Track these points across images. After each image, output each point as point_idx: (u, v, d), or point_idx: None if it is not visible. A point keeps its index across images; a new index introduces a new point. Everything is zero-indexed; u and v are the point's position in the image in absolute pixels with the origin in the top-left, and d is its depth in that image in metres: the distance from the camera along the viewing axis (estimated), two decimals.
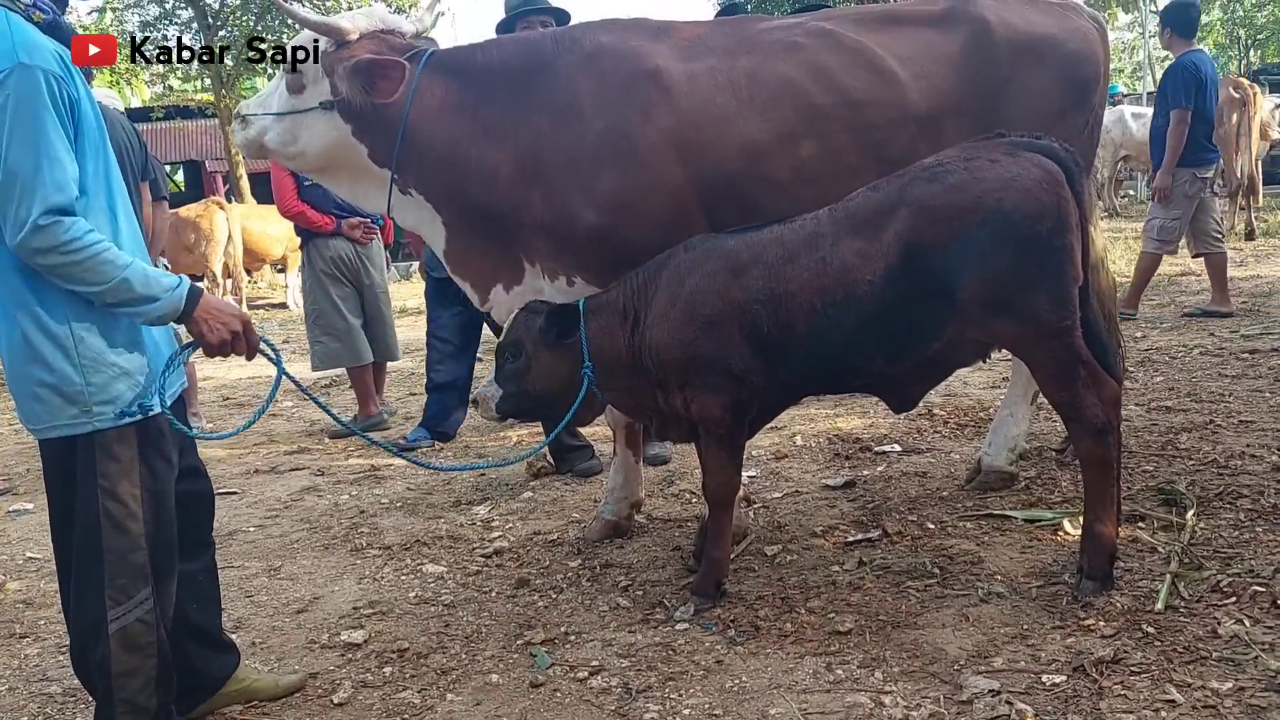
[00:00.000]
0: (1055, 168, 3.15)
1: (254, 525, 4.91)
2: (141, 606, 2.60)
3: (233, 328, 2.63)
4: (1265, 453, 4.45)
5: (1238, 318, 8.03)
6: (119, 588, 2.57)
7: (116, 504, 2.55)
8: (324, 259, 6.78)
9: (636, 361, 3.43)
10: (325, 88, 3.69)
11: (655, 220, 3.55)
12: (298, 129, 3.76)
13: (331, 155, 3.82)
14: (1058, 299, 3.13)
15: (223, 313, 2.63)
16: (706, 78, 3.61)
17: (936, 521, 4.07)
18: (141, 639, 2.60)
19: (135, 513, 2.58)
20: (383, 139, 3.70)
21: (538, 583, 3.86)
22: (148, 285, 2.46)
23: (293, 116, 3.75)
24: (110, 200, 2.55)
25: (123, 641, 2.58)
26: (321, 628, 3.63)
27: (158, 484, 2.65)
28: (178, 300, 2.51)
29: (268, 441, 6.83)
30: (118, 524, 2.55)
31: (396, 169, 3.74)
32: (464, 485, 5.32)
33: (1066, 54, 3.93)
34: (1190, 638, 2.93)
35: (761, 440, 5.36)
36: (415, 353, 10.17)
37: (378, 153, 3.74)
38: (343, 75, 3.58)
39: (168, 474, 2.69)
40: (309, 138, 3.76)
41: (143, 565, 2.60)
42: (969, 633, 3.12)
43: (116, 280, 2.40)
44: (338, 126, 3.71)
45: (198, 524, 2.96)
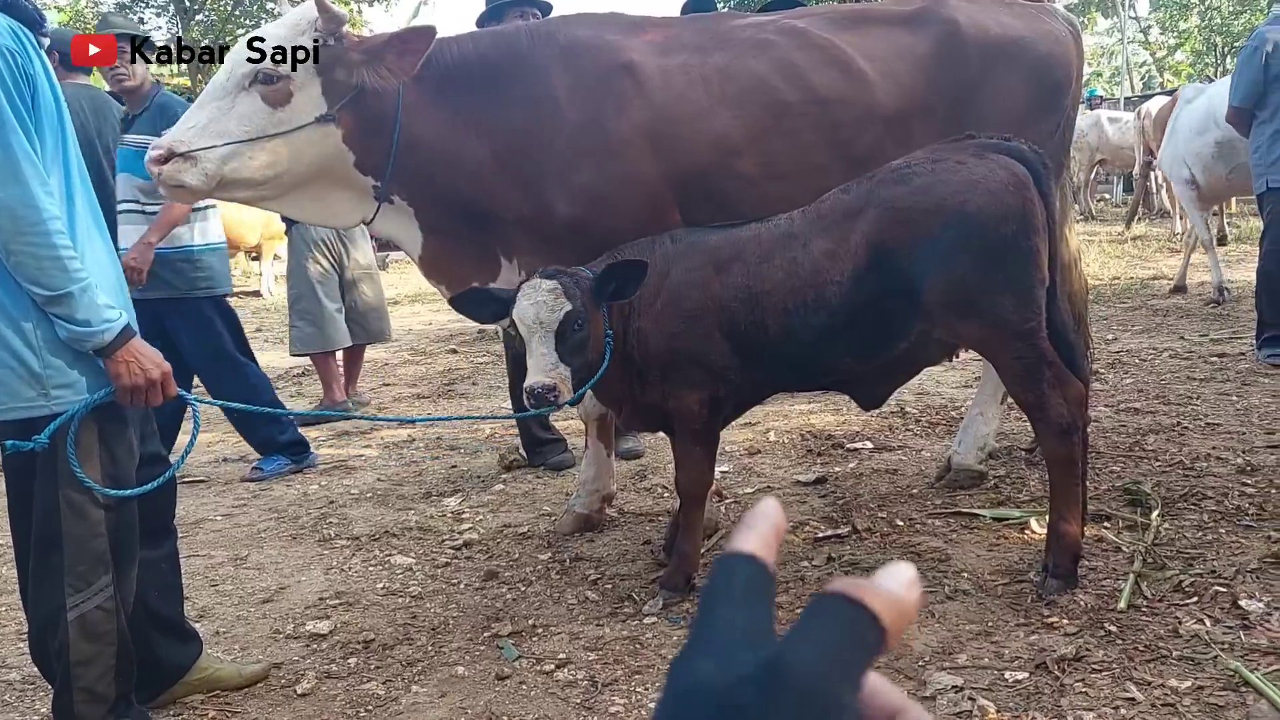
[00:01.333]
0: (1022, 170, 3.17)
1: (221, 514, 4.87)
2: (101, 594, 2.58)
3: (150, 376, 2.54)
4: (1230, 455, 4.50)
5: (1207, 321, 8.10)
6: (78, 575, 2.55)
7: (77, 490, 2.52)
8: (307, 243, 6.78)
9: (625, 343, 3.37)
10: (316, 91, 3.31)
11: (630, 214, 3.54)
12: (284, 147, 3.27)
13: (315, 171, 3.41)
14: (1023, 300, 3.16)
15: (145, 359, 2.54)
16: (680, 73, 3.61)
17: (906, 519, 4.09)
18: (101, 627, 2.58)
19: (95, 499, 2.56)
20: (371, 142, 3.43)
21: (507, 575, 3.86)
22: (87, 312, 2.42)
23: (284, 137, 3.26)
24: (67, 181, 2.52)
25: (82, 629, 2.56)
26: (287, 618, 3.61)
27: (119, 470, 2.62)
28: (107, 335, 2.46)
29: None
30: (78, 510, 2.53)
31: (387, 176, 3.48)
32: (435, 477, 5.30)
33: (1038, 56, 3.95)
34: (1151, 636, 2.95)
35: (735, 435, 5.37)
36: (390, 343, 10.14)
37: (366, 158, 3.45)
38: (358, 61, 3.28)
39: (129, 461, 2.67)
40: (297, 155, 3.32)
41: (103, 552, 2.58)
42: (935, 629, 3.13)
43: (58, 292, 2.37)
44: (329, 134, 3.35)
45: (160, 511, 2.93)
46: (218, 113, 3.27)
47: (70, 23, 23.09)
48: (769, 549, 0.57)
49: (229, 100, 3.27)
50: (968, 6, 3.94)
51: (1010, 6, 4.09)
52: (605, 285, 3.20)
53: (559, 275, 3.18)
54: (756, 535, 0.58)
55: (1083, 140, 15.78)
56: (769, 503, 0.68)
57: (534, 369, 3.12)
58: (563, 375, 3.11)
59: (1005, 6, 4.07)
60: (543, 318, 3.11)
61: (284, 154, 3.28)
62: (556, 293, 3.12)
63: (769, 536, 0.58)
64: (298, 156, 3.33)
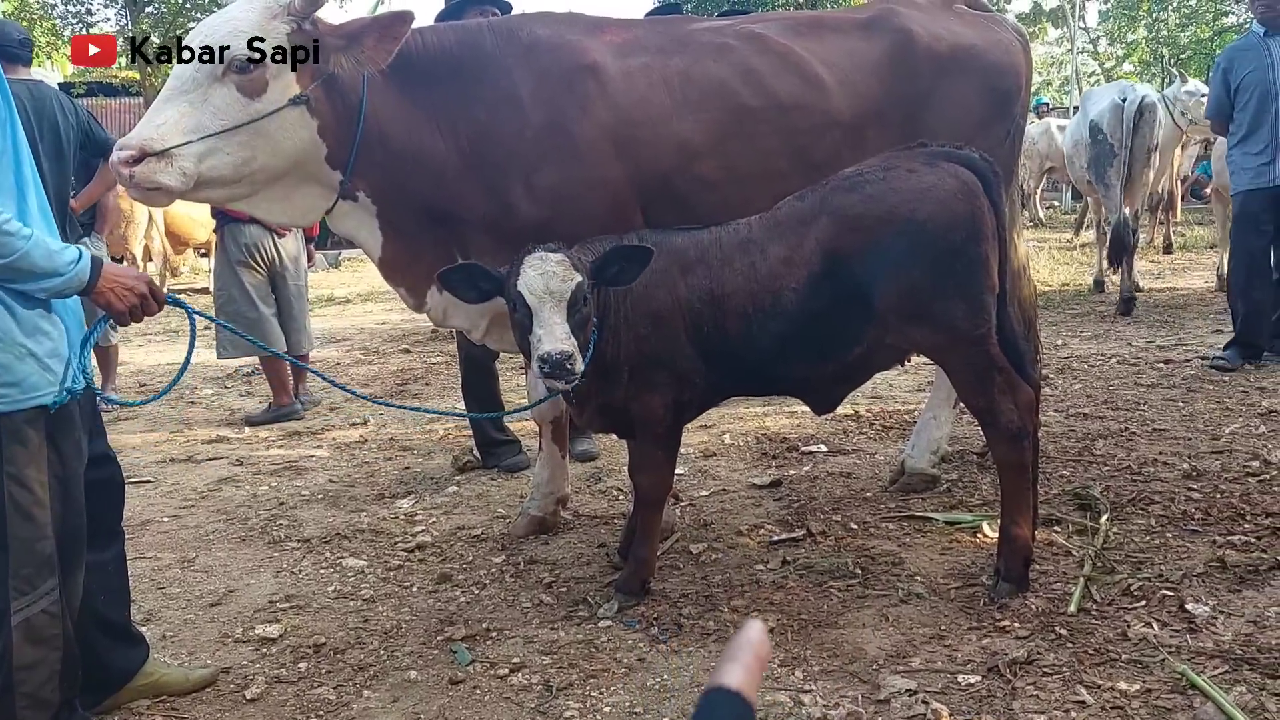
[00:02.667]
0: (972, 178, 3.21)
1: (168, 515, 4.79)
2: (47, 598, 2.52)
3: (138, 291, 2.58)
4: (1177, 460, 4.57)
5: (1153, 328, 8.25)
6: (23, 578, 2.48)
7: (23, 490, 2.46)
8: (239, 245, 6.65)
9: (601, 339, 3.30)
10: (289, 78, 3.18)
11: (593, 215, 3.52)
12: (260, 139, 3.16)
13: (291, 164, 3.30)
14: (973, 307, 3.19)
15: (125, 278, 2.59)
16: (642, 75, 3.60)
17: (860, 522, 4.11)
18: (46, 631, 2.52)
19: (42, 500, 2.50)
20: (341, 133, 3.33)
21: (460, 578, 3.82)
22: (50, 260, 2.40)
23: (256, 125, 3.14)
24: (18, 177, 2.47)
25: (26, 633, 2.49)
26: (235, 621, 3.55)
27: (67, 471, 2.57)
28: (81, 274, 2.46)
29: (185, 429, 6.69)
30: (24, 511, 2.47)
31: (351, 169, 3.38)
32: (388, 478, 5.25)
33: (988, 65, 4.00)
34: (1101, 640, 2.99)
35: (690, 438, 5.37)
36: (341, 342, 10.08)
37: (336, 151, 3.35)
38: (336, 47, 3.18)
39: (77, 461, 2.61)
40: (274, 147, 3.20)
41: (49, 555, 2.52)
42: (888, 633, 3.15)
43: (17, 255, 2.33)
44: (306, 125, 3.24)
45: (107, 513, 2.87)
46: (189, 107, 3.11)
47: (13, 13, 22.62)
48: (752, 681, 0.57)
49: (200, 93, 3.12)
50: (920, 16, 3.98)
51: (961, 16, 4.14)
52: (608, 267, 3.13)
53: (564, 249, 3.11)
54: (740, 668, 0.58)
55: (1032, 148, 15.98)
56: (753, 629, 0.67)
57: (549, 337, 2.97)
58: (569, 350, 2.96)
59: (956, 16, 4.12)
60: (553, 288, 3.00)
61: (261, 147, 3.17)
62: (566, 265, 3.03)
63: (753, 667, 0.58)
64: (274, 148, 3.21)
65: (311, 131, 3.27)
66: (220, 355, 6.90)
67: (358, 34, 3.19)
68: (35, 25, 22.98)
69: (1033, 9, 33.49)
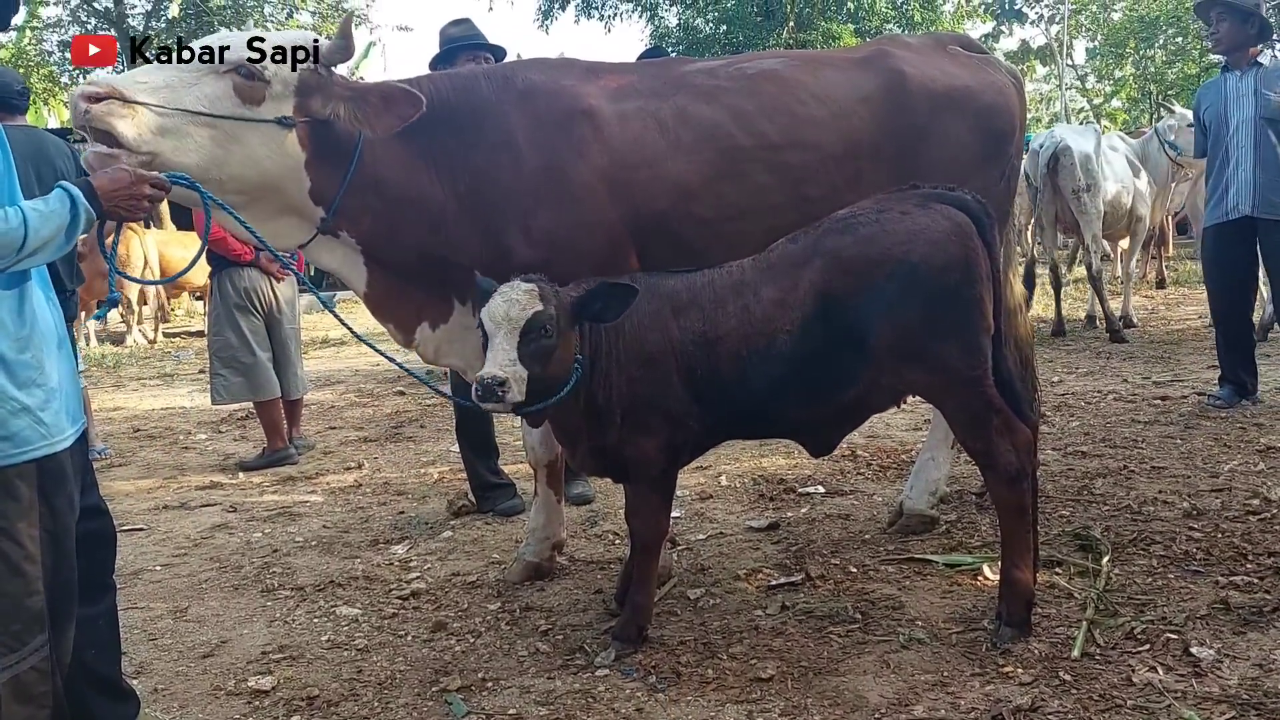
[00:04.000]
0: (965, 219, 3.21)
1: (160, 564, 4.73)
2: (36, 654, 2.47)
3: (138, 190, 2.54)
4: (1177, 499, 4.55)
5: (1149, 364, 8.25)
6: (12, 634, 2.44)
7: (13, 545, 2.42)
8: (237, 290, 6.64)
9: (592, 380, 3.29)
10: (287, 108, 3.26)
11: (589, 257, 3.52)
12: (233, 143, 3.17)
13: (265, 184, 3.32)
14: (968, 348, 3.18)
15: (119, 184, 2.54)
16: (637, 118, 3.62)
17: (859, 565, 4.07)
18: (35, 688, 2.47)
19: (33, 554, 2.45)
20: (331, 173, 3.39)
21: (455, 626, 3.77)
22: (50, 222, 2.38)
23: (233, 124, 3.16)
24: None
25: (15, 691, 2.44)
26: (228, 673, 3.50)
27: (58, 524, 2.53)
28: (85, 209, 2.45)
29: (178, 475, 6.63)
30: (14, 566, 2.43)
31: (336, 209, 3.43)
32: (382, 523, 5.21)
33: (982, 106, 4.02)
34: (1105, 685, 2.95)
35: (686, 480, 5.33)
36: (336, 385, 10.04)
37: (320, 188, 3.40)
38: (342, 96, 3.28)
39: (69, 514, 2.57)
40: (250, 157, 3.21)
41: (39, 610, 2.47)
42: (890, 679, 3.11)
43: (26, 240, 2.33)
44: (289, 152, 3.29)
45: (98, 566, 2.83)
46: (176, 81, 3.13)
47: (10, 61, 22.74)
48: None
49: (193, 76, 3.16)
50: (914, 57, 4.01)
51: (955, 58, 4.16)
52: (590, 303, 3.14)
53: (540, 280, 3.12)
54: None
55: (1025, 185, 16.05)
56: None
57: (490, 361, 3.01)
58: (518, 374, 2.98)
59: (950, 58, 4.15)
60: (511, 314, 3.02)
61: (235, 153, 3.18)
62: (531, 294, 3.05)
63: None
64: (249, 159, 3.23)
65: (297, 161, 3.32)
66: (215, 400, 6.88)
67: (364, 93, 3.30)
68: (33, 72, 23.10)
69: (1021, 47, 33.87)
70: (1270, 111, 6.13)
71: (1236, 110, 6.34)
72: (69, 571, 2.57)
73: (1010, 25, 31.30)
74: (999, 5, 29.31)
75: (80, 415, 2.66)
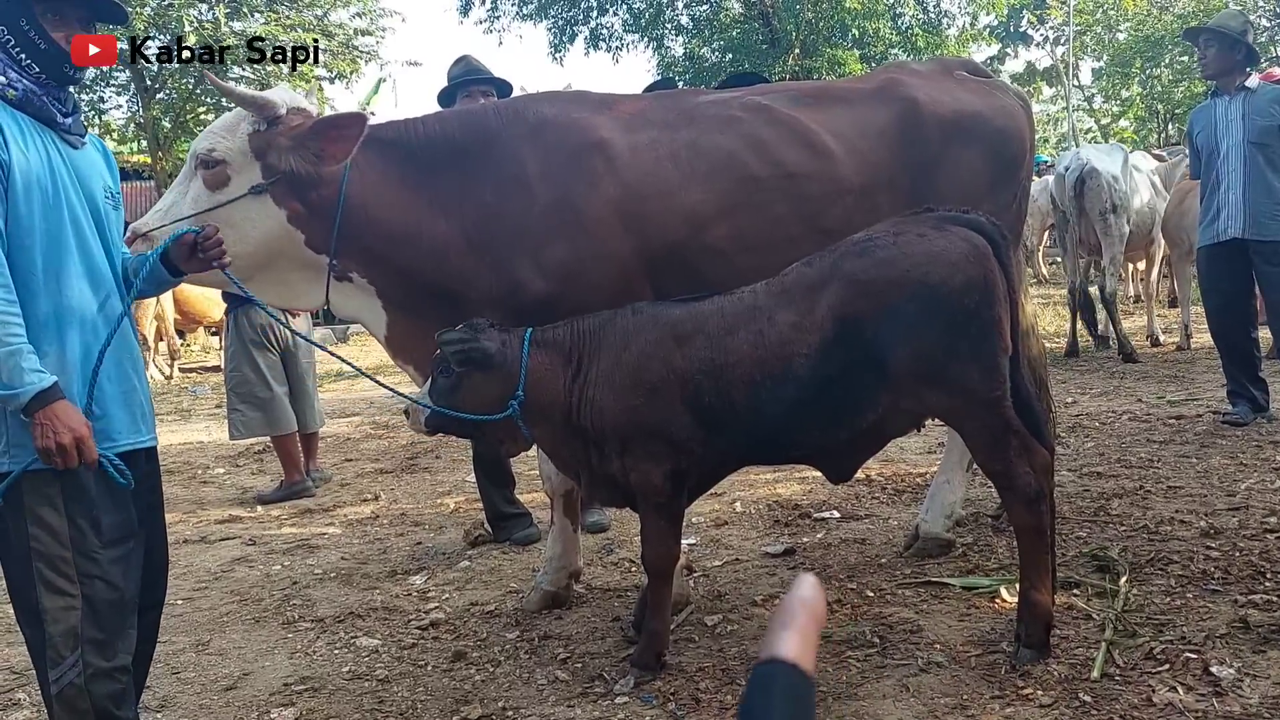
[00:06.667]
0: (981, 241, 3.23)
1: (182, 598, 4.76)
2: (74, 669, 2.60)
3: (61, 439, 2.54)
4: (1194, 518, 4.54)
5: (1163, 383, 8.24)
6: (54, 647, 2.59)
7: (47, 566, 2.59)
8: (253, 326, 6.73)
9: (573, 412, 3.37)
10: (255, 174, 3.43)
11: (602, 288, 3.56)
12: (228, 229, 3.29)
13: (265, 251, 3.50)
14: (987, 370, 3.19)
15: (60, 422, 2.55)
16: (649, 150, 3.65)
17: (876, 589, 4.08)
18: (78, 704, 2.60)
19: (70, 573, 2.60)
20: (321, 221, 3.50)
21: (474, 656, 3.79)
22: (11, 374, 2.48)
23: (215, 213, 3.36)
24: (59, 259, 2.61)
25: (64, 704, 2.59)
26: (250, 705, 3.52)
27: (102, 540, 2.65)
28: (23, 398, 2.50)
29: (197, 509, 6.68)
30: (49, 584, 2.58)
31: (335, 252, 3.53)
32: (400, 554, 5.23)
33: (993, 131, 4.05)
34: (1126, 706, 2.95)
35: (701, 507, 5.35)
36: (351, 417, 10.09)
37: (315, 237, 3.52)
38: (285, 147, 3.39)
39: (94, 534, 2.67)
40: (239, 234, 3.37)
41: (73, 626, 2.59)
42: (909, 703, 3.11)
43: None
44: (271, 214, 3.45)
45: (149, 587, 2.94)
46: (178, 196, 3.48)
47: None
48: (809, 648, 0.52)
49: (186, 184, 3.48)
50: (925, 85, 4.04)
51: (964, 83, 4.20)
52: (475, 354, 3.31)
53: (471, 325, 3.33)
54: (794, 634, 0.54)
55: (1034, 206, 16.08)
56: (806, 585, 0.60)
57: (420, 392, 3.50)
58: (418, 408, 3.44)
59: (959, 83, 4.18)
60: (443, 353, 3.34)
61: (229, 235, 3.22)
62: (458, 335, 3.30)
63: (809, 632, 0.53)
64: (241, 235, 3.38)
65: (280, 220, 3.47)
66: (233, 436, 6.95)
67: (303, 137, 3.40)
68: None
69: (1027, 69, 33.94)
70: (1257, 136, 6.25)
71: (1226, 134, 6.45)
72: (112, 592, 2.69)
73: (1016, 48, 31.39)
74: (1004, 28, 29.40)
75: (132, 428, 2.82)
